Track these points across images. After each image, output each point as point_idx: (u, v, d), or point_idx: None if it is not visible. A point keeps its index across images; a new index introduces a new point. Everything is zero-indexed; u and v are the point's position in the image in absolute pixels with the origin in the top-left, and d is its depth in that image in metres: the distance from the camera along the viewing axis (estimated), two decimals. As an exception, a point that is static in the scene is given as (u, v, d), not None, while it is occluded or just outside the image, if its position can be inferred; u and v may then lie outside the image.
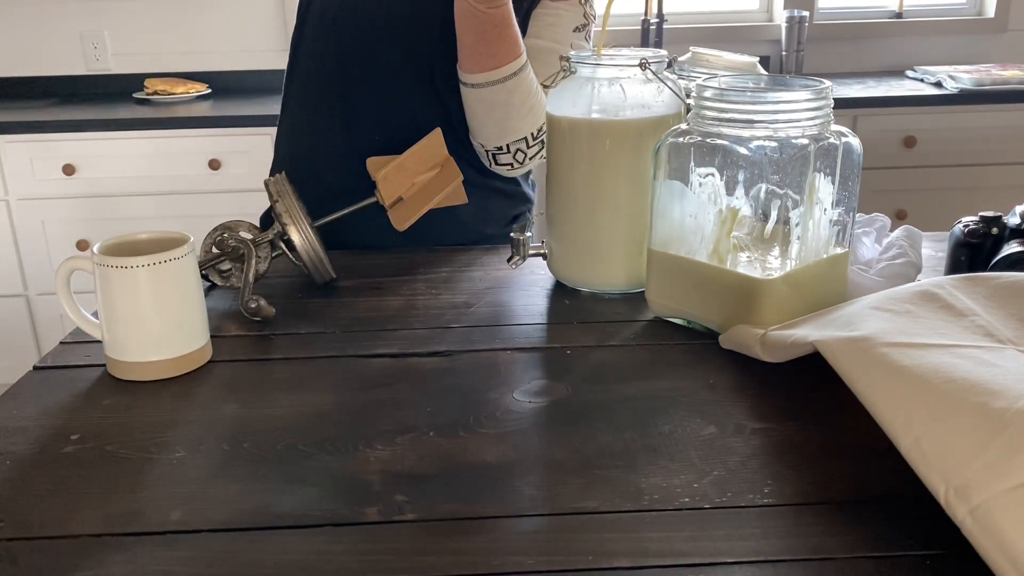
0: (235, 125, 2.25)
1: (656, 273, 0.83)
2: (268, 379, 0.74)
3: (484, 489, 0.58)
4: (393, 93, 1.08)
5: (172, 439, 0.65)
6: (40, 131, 2.23)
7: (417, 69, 1.07)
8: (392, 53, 1.07)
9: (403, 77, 1.07)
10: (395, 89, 1.08)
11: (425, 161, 0.96)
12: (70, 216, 2.28)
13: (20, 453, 0.63)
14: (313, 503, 0.57)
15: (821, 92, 0.74)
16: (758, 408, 0.68)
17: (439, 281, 0.96)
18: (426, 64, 1.06)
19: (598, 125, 0.85)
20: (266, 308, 0.84)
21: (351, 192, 0.97)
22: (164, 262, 0.72)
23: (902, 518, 0.54)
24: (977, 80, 2.40)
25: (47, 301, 2.36)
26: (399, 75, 1.07)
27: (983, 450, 0.49)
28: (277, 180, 0.92)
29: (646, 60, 0.84)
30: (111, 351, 0.75)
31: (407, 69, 1.07)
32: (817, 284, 0.79)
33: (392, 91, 1.08)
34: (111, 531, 0.54)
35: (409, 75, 1.07)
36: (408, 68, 1.07)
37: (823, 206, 0.77)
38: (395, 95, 1.08)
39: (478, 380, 0.73)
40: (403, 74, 1.07)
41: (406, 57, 1.07)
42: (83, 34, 2.63)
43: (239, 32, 2.65)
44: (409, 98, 1.08)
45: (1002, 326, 0.63)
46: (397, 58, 1.07)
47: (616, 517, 0.55)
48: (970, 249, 0.85)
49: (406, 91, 1.08)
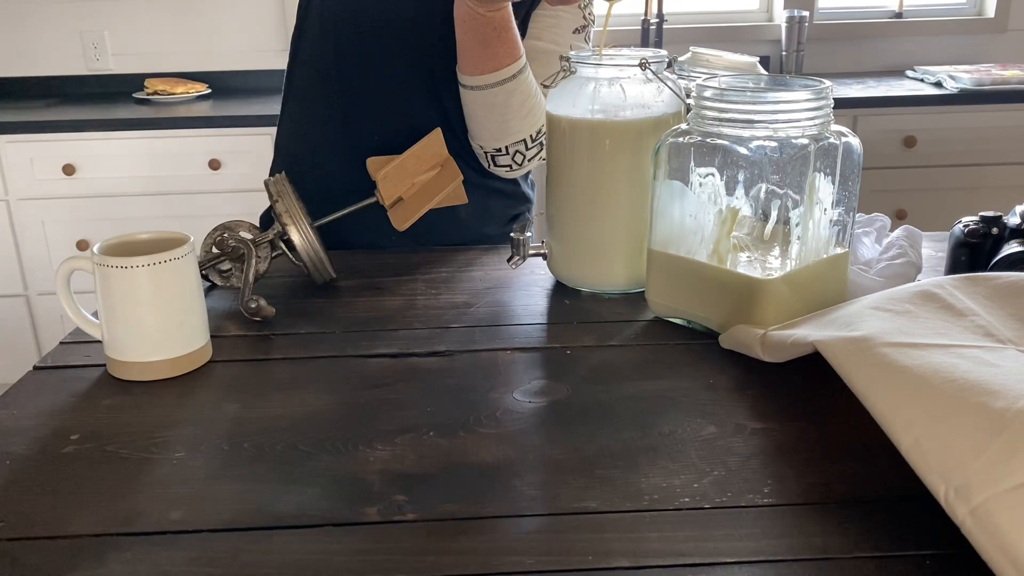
0: (235, 125, 2.25)
1: (656, 273, 0.83)
2: (268, 379, 0.74)
3: (484, 489, 0.58)
4: (392, 93, 1.08)
5: (172, 439, 0.65)
6: (40, 131, 2.23)
7: (417, 70, 1.07)
8: (392, 53, 1.07)
9: (403, 77, 1.07)
10: (395, 89, 1.08)
11: (425, 161, 0.96)
12: (70, 216, 2.28)
13: (20, 453, 0.63)
14: (313, 503, 0.57)
15: (821, 92, 0.74)
16: (758, 408, 0.68)
17: (439, 281, 0.96)
18: (426, 65, 1.06)
19: (598, 125, 0.85)
20: (266, 308, 0.84)
21: (351, 191, 0.97)
22: (164, 262, 0.72)
23: (902, 518, 0.54)
24: (977, 80, 2.40)
25: (47, 301, 2.36)
26: (399, 75, 1.07)
27: (983, 450, 0.49)
28: (277, 180, 0.92)
29: (646, 60, 0.84)
30: (111, 351, 0.75)
31: (407, 69, 1.07)
32: (817, 284, 0.79)
33: (391, 91, 1.08)
34: (111, 531, 0.54)
35: (409, 75, 1.07)
36: (408, 68, 1.07)
37: (823, 206, 0.77)
38: (395, 95, 1.08)
39: (478, 380, 0.73)
40: (403, 74, 1.07)
41: (406, 57, 1.07)
42: (83, 34, 2.63)
43: (239, 32, 2.65)
44: (409, 98, 1.08)
45: (1002, 326, 0.63)
46: (397, 58, 1.07)
47: (616, 517, 0.55)
48: (970, 249, 0.85)
49: (406, 91, 1.08)
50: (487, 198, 1.15)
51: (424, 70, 1.07)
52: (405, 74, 1.08)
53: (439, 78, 1.06)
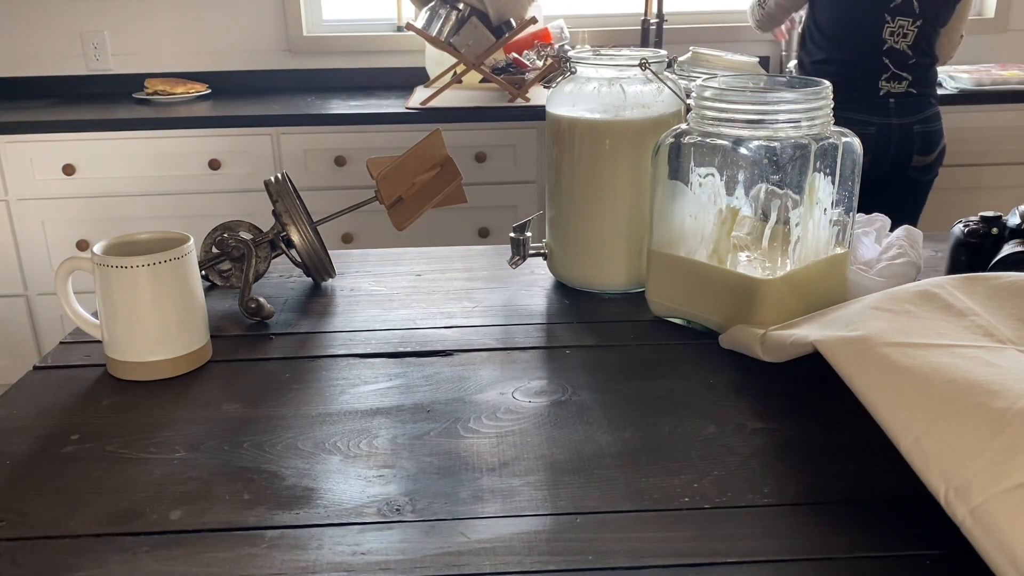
0: (235, 125, 2.25)
1: (656, 273, 0.83)
2: (268, 379, 0.74)
3: (484, 489, 0.58)
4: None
5: (172, 439, 0.65)
6: (40, 131, 2.23)
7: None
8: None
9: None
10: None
11: (425, 161, 0.96)
12: (70, 216, 2.28)
13: (20, 453, 0.63)
14: (313, 503, 0.57)
15: (821, 92, 0.74)
16: (758, 408, 0.68)
17: (439, 280, 0.96)
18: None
19: (598, 125, 0.85)
20: (266, 308, 0.84)
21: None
22: (164, 262, 0.72)
23: (902, 518, 0.54)
24: (977, 80, 2.40)
25: (47, 301, 2.35)
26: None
27: (983, 450, 0.49)
28: (277, 180, 0.92)
29: (646, 60, 0.84)
30: (111, 351, 0.75)
31: None
32: (817, 284, 0.79)
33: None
34: (111, 531, 0.54)
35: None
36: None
37: (823, 206, 0.77)
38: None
39: (478, 380, 0.73)
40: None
41: None
42: (83, 34, 2.63)
43: (239, 32, 2.65)
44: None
45: (1002, 326, 0.63)
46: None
47: (616, 517, 0.55)
48: (970, 249, 0.84)
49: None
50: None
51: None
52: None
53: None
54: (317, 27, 2.70)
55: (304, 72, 2.68)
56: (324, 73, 2.68)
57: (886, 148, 2.02)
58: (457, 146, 2.16)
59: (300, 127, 2.24)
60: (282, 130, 2.23)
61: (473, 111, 2.26)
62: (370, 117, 2.26)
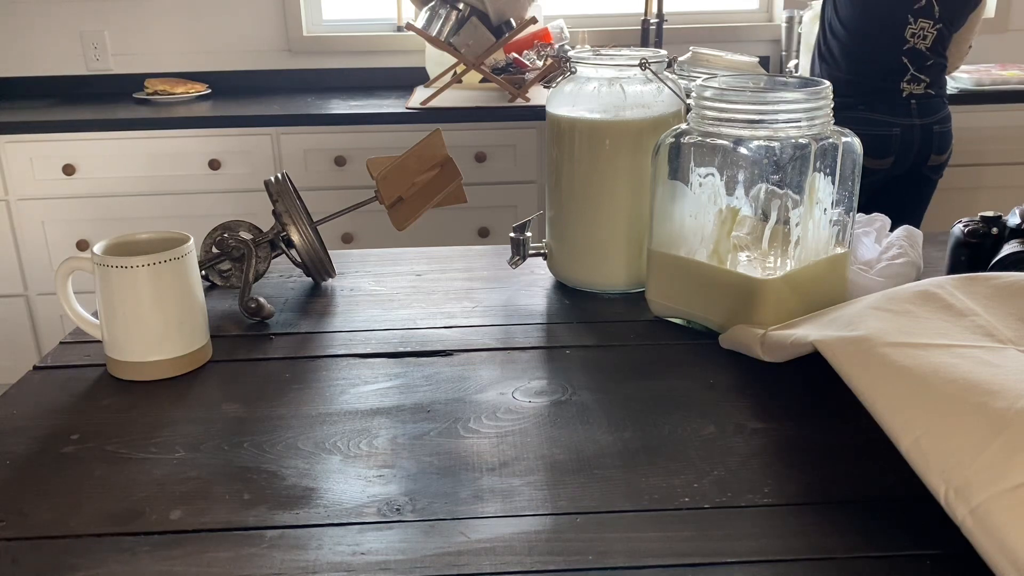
0: (235, 125, 2.25)
1: (656, 273, 0.83)
2: (268, 379, 0.74)
3: (484, 489, 0.58)
4: None
5: (172, 439, 0.65)
6: (40, 131, 2.23)
7: None
8: None
9: None
10: None
11: (425, 161, 0.96)
12: (70, 216, 2.28)
13: (20, 453, 0.63)
14: (313, 503, 0.57)
15: (821, 92, 0.74)
16: (758, 408, 0.68)
17: (439, 280, 0.96)
18: None
19: (598, 125, 0.85)
20: (266, 308, 0.84)
21: None
22: (164, 262, 0.72)
23: (902, 518, 0.54)
24: (977, 80, 2.40)
25: (47, 301, 2.35)
26: None
27: (983, 450, 0.49)
28: (277, 180, 0.92)
29: (646, 60, 0.84)
30: (111, 351, 0.75)
31: None
32: (817, 284, 0.79)
33: None
34: (111, 531, 0.54)
35: None
36: None
37: (823, 206, 0.77)
38: None
39: (478, 380, 0.73)
40: None
41: None
42: (83, 34, 2.63)
43: (239, 32, 2.65)
44: None
45: (1002, 326, 0.63)
46: None
47: (616, 517, 0.55)
48: (970, 249, 0.84)
49: None
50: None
51: None
52: None
53: None
54: (317, 27, 2.70)
55: (304, 72, 2.68)
56: (324, 73, 2.68)
57: (909, 148, 2.03)
58: (457, 146, 2.16)
59: (300, 127, 2.24)
60: (282, 130, 2.23)
61: (473, 111, 2.26)
62: (370, 117, 2.26)
